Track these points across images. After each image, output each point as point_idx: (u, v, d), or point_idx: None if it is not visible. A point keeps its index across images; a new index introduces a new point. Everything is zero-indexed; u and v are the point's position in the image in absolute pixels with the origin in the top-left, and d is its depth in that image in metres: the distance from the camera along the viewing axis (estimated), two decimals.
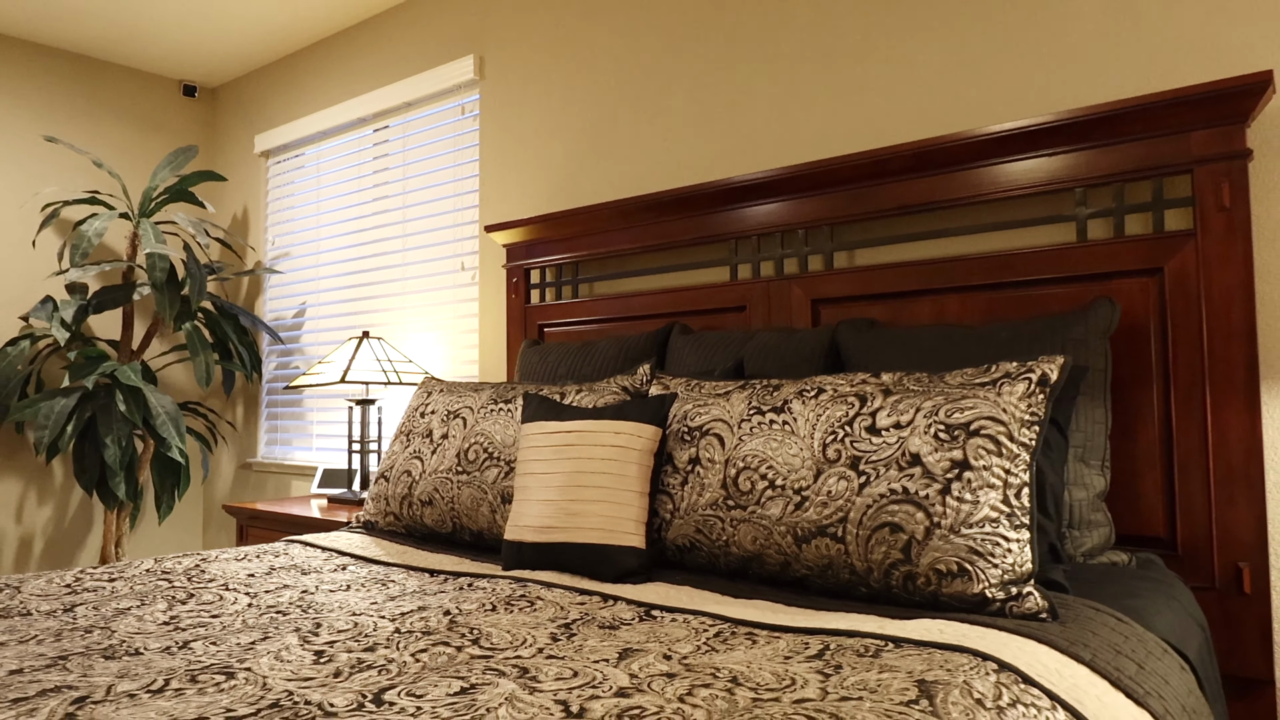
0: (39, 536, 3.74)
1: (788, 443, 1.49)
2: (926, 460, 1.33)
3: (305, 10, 3.49)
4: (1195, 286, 1.69)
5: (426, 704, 0.91)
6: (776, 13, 2.39)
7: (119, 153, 4.04)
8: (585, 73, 2.83)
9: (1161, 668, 1.19)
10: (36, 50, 3.80)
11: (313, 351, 3.77)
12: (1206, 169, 1.69)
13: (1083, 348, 1.65)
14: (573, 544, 1.58)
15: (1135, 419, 1.74)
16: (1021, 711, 0.93)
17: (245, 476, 4.02)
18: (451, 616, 1.28)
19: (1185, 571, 1.67)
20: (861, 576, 1.36)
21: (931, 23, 2.13)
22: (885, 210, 2.07)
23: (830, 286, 2.15)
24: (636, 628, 1.23)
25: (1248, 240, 1.64)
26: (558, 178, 2.89)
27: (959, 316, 1.97)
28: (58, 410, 3.17)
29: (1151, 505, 1.72)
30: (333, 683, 0.99)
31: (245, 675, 1.01)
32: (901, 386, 1.46)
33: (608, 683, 0.98)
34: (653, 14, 2.66)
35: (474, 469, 1.93)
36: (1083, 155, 1.81)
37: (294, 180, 3.93)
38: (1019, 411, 1.34)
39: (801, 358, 1.94)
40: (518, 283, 2.85)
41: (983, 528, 1.27)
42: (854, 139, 2.25)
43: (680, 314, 2.44)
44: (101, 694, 0.94)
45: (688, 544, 1.58)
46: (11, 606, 1.37)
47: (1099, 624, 1.24)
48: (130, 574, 1.61)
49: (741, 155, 2.45)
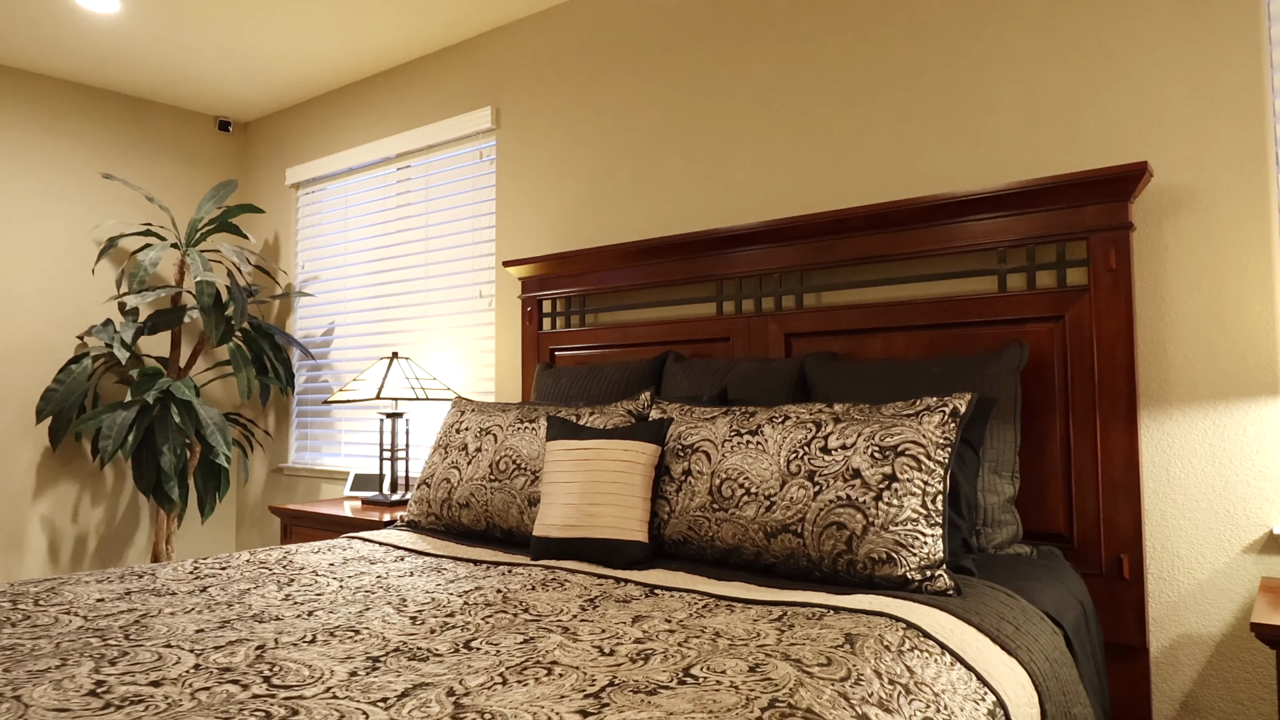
0: (92, 535, 4.12)
1: (760, 459, 1.89)
2: (865, 474, 1.74)
3: (332, 56, 3.88)
4: (1089, 331, 2.10)
5: (503, 649, 1.31)
6: (758, 88, 2.80)
7: (161, 184, 4.42)
8: (592, 129, 3.23)
9: (1035, 630, 1.61)
10: (91, 93, 4.17)
11: (340, 367, 4.16)
12: (1098, 236, 2.10)
13: (997, 382, 2.06)
14: (590, 539, 1.99)
15: (1043, 438, 2.16)
16: (917, 655, 1.34)
17: (277, 480, 4.41)
18: (503, 594, 1.68)
19: (1079, 561, 2.09)
20: (815, 563, 1.77)
21: (887, 107, 2.54)
22: (845, 260, 2.48)
23: (800, 323, 2.56)
24: (644, 601, 1.63)
25: (1129, 295, 2.06)
26: (567, 220, 3.29)
27: (905, 350, 2.38)
28: (119, 422, 3.55)
29: (1054, 508, 2.14)
30: (431, 637, 1.39)
31: (366, 632, 1.41)
32: (848, 415, 1.87)
33: (627, 635, 1.38)
34: (651, 81, 3.07)
35: (504, 477, 2.33)
36: (1002, 221, 2.23)
37: (322, 210, 4.32)
38: (935, 436, 1.75)
39: (775, 385, 2.35)
40: (531, 311, 3.25)
41: (906, 526, 1.68)
42: (821, 199, 2.66)
43: (674, 342, 2.84)
44: (272, 644, 1.34)
45: (681, 539, 1.99)
46: (159, 588, 1.76)
47: (991, 598, 1.65)
48: (235, 564, 2.01)
49: (727, 209, 2.86)
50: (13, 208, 3.93)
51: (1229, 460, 2.03)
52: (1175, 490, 2.09)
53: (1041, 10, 2.29)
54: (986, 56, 2.38)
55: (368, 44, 3.70)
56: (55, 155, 4.06)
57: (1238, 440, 2.02)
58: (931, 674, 1.29)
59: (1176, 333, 2.10)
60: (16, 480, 3.91)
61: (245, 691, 1.11)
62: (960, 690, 1.29)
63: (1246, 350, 2.01)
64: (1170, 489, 2.09)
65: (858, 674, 1.20)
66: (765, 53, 2.80)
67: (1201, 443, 2.06)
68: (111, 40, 3.65)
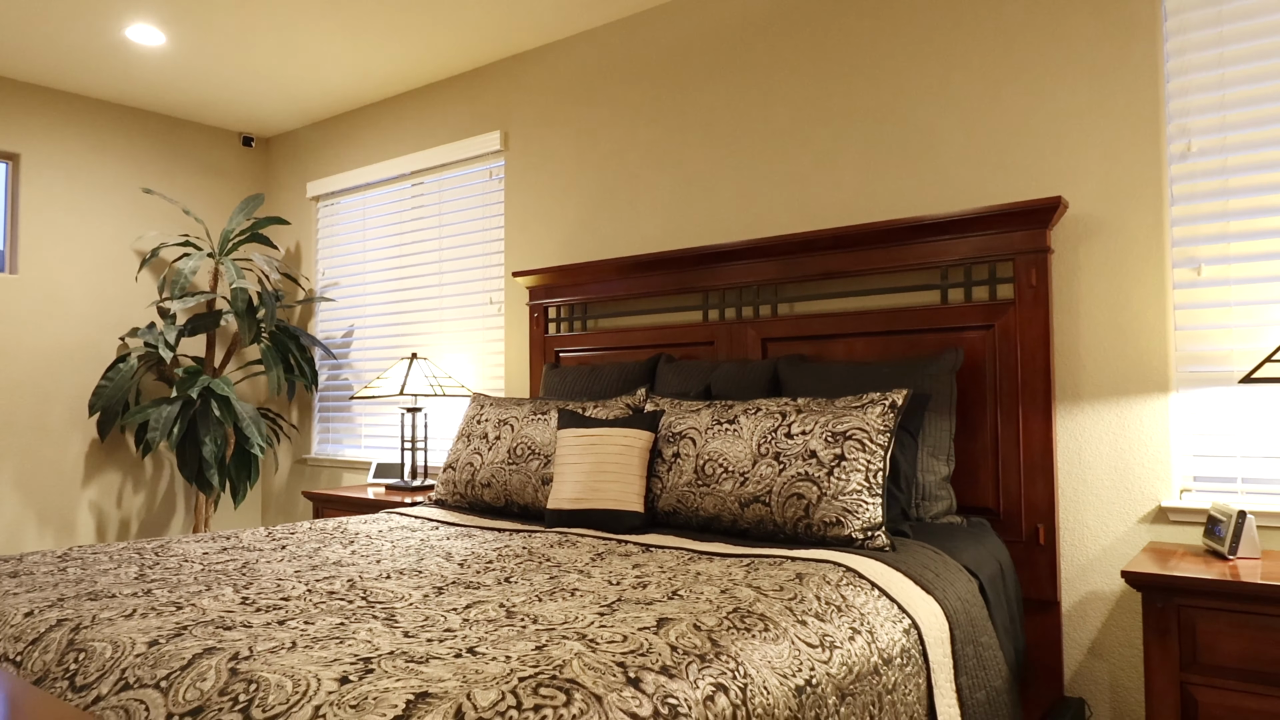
0: (134, 518, 4.50)
1: (736, 443, 2.30)
2: (819, 455, 2.15)
3: (350, 79, 4.27)
4: (1014, 338, 2.51)
5: (535, 582, 1.71)
6: (740, 122, 3.21)
7: (191, 196, 4.79)
8: (592, 154, 3.63)
9: (952, 577, 2.01)
10: (131, 113, 4.55)
11: (360, 366, 4.55)
12: (1022, 258, 2.51)
13: (936, 380, 2.47)
14: (596, 509, 2.39)
15: (976, 427, 2.57)
16: (851, 588, 1.74)
17: (300, 470, 4.80)
18: (528, 549, 2.08)
19: (1003, 530, 2.50)
20: (780, 527, 2.17)
21: (850, 141, 2.94)
22: (814, 275, 2.88)
23: (775, 329, 2.96)
24: (641, 555, 2.03)
25: (1048, 308, 2.47)
26: (570, 235, 3.69)
27: (863, 353, 2.78)
28: (165, 415, 3.93)
29: (985, 485, 2.55)
30: (476, 577, 1.78)
31: (426, 572, 1.81)
32: (808, 408, 2.28)
33: (629, 575, 1.78)
34: (645, 112, 3.47)
35: (521, 461, 2.73)
36: (944, 244, 2.64)
37: (341, 221, 4.70)
38: (877, 424, 2.15)
39: (752, 383, 2.75)
40: (538, 317, 3.64)
41: (851, 496, 2.08)
42: (794, 221, 3.06)
43: (665, 345, 3.25)
44: (357, 579, 1.74)
45: (671, 509, 2.39)
46: (246, 546, 2.15)
47: (920, 553, 2.05)
48: (301, 530, 2.40)
49: (712, 228, 3.26)
50: (63, 220, 4.31)
51: (1128, 446, 2.44)
52: (1084, 471, 2.50)
53: (979, 63, 2.70)
54: (933, 101, 2.79)
55: (384, 70, 4.08)
56: (99, 171, 4.44)
57: (1135, 429, 2.43)
58: (860, 601, 1.69)
59: (1087, 339, 2.51)
60: (67, 469, 4.29)
61: (350, 605, 1.51)
62: (883, 613, 1.70)
63: (1143, 355, 2.42)
64: (1080, 470, 2.51)
65: (802, 596, 1.60)
66: (745, 91, 3.20)
67: (1106, 431, 2.47)
68: (154, 68, 4.03)
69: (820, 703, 1.36)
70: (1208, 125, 2.34)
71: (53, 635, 1.36)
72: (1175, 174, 2.39)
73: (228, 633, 1.30)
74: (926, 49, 2.81)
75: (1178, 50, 2.38)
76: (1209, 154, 2.34)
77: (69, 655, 1.29)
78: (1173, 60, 2.39)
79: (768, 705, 1.25)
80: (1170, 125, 2.40)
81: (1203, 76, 2.34)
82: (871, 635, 1.60)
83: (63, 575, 1.77)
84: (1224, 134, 2.32)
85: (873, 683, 1.53)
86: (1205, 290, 2.34)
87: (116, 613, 1.43)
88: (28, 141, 4.21)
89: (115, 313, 4.47)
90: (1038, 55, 2.60)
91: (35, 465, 4.19)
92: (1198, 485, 2.36)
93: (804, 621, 1.49)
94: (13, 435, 4.13)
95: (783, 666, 1.34)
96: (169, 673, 1.16)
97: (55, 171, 4.29)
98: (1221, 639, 1.89)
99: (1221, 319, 2.32)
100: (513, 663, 1.16)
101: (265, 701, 1.04)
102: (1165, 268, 2.40)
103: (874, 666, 1.55)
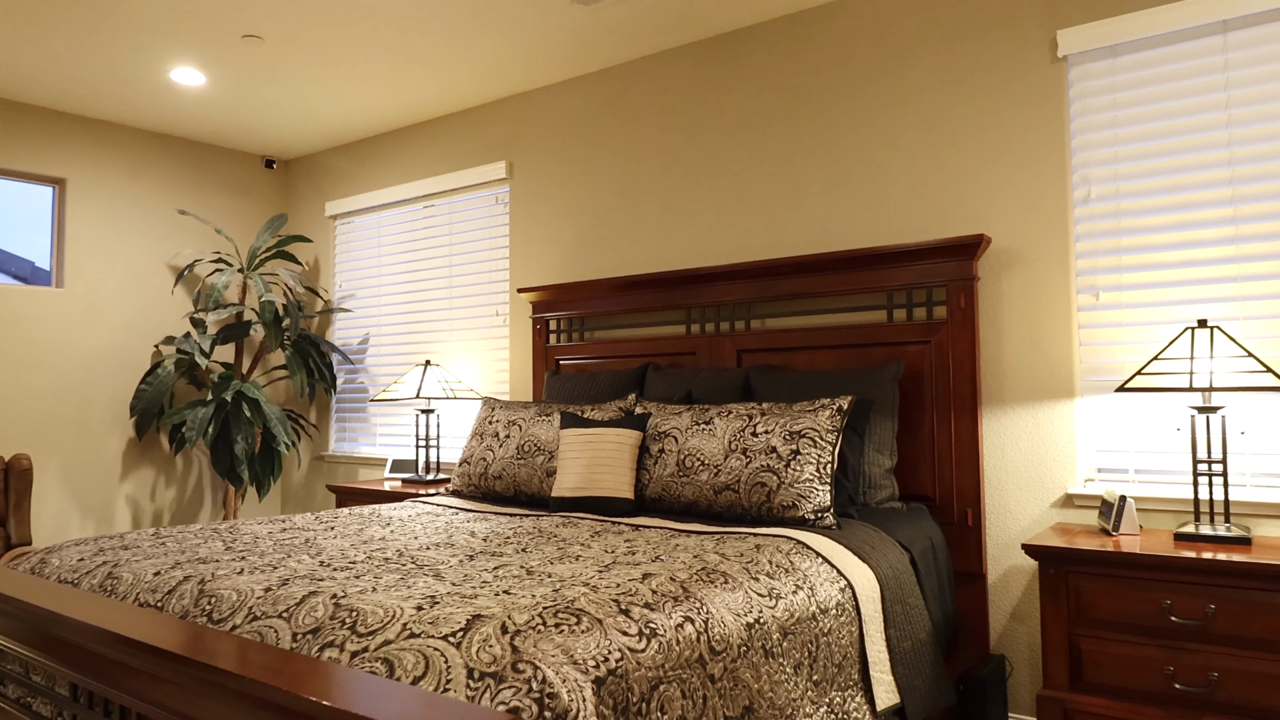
0: (166, 511, 4.92)
1: (711, 441, 2.74)
2: (779, 450, 2.59)
3: (366, 110, 4.69)
4: (947, 352, 2.96)
5: (546, 551, 2.15)
6: (718, 160, 3.65)
7: (218, 215, 5.21)
8: (588, 184, 4.07)
9: (886, 550, 2.46)
10: (165, 140, 4.97)
11: (375, 371, 4.97)
12: (954, 285, 2.96)
13: (881, 388, 2.92)
14: (593, 497, 2.83)
15: (916, 426, 3.02)
16: (799, 555, 2.18)
17: (318, 465, 5.22)
18: (538, 528, 2.52)
19: (938, 514, 2.95)
20: (746, 510, 2.61)
21: (814, 180, 3.39)
22: (782, 295, 3.32)
23: (748, 342, 3.40)
24: (631, 533, 2.47)
25: (974, 327, 2.92)
26: (568, 256, 4.13)
27: (822, 364, 3.23)
28: (200, 416, 4.35)
29: (923, 476, 3.00)
30: (498, 548, 2.22)
31: (457, 545, 2.24)
32: (771, 410, 2.72)
33: (621, 547, 2.22)
34: (636, 149, 3.91)
35: (528, 456, 3.16)
36: (890, 271, 3.08)
37: (357, 239, 5.13)
38: (826, 425, 2.60)
39: (727, 389, 3.19)
40: (540, 328, 4.08)
41: (804, 484, 2.53)
42: (765, 248, 3.51)
43: (653, 355, 3.68)
44: (403, 549, 2.17)
45: (657, 497, 2.83)
46: (300, 527, 2.58)
47: (860, 531, 2.50)
48: (341, 515, 2.83)
49: (694, 253, 3.70)
50: (104, 239, 4.72)
51: (1042, 443, 2.89)
52: (1006, 464, 2.95)
53: (920, 118, 3.15)
54: (883, 148, 3.23)
55: (398, 103, 4.51)
56: (137, 194, 4.85)
57: (1047, 429, 2.88)
58: (805, 565, 2.14)
59: (1007, 353, 2.96)
60: (107, 465, 4.70)
61: (404, 566, 1.94)
62: (823, 575, 2.14)
63: (1053, 366, 2.87)
64: (1002, 463, 2.96)
65: (757, 561, 2.05)
66: (724, 133, 3.65)
67: (1023, 430, 2.92)
68: (189, 100, 4.44)
69: (766, 636, 1.80)
70: (1104, 175, 2.79)
71: (184, 587, 1.79)
72: (1078, 215, 2.84)
73: (320, 583, 1.74)
74: (877, 104, 3.25)
75: (1080, 113, 2.84)
76: (1105, 199, 2.79)
77: (202, 600, 1.72)
78: (1076, 121, 2.85)
79: (724, 634, 1.69)
80: (1074, 175, 2.85)
81: (1099, 135, 2.80)
82: (812, 591, 2.05)
83: (164, 548, 2.20)
84: (1117, 183, 2.77)
85: (811, 626, 1.97)
86: (1103, 313, 2.80)
87: (228, 571, 1.86)
88: (73, 167, 4.62)
89: (150, 322, 4.89)
90: (969, 114, 3.05)
91: (78, 462, 4.61)
92: (1100, 476, 2.81)
93: (757, 579, 1.94)
94: (58, 434, 4.54)
95: (738, 608, 1.79)
96: (287, 607, 1.59)
97: (98, 194, 4.71)
98: (1100, 598, 2.34)
99: (1116, 337, 2.77)
100: (537, 599, 1.60)
101: (365, 622, 1.48)
102: (1071, 293, 2.85)
103: (812, 614, 2.00)
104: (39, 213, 4.60)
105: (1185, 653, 2.21)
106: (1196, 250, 2.65)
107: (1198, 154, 2.65)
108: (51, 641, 1.69)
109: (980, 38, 3.04)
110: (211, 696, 1.33)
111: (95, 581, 1.94)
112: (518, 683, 1.27)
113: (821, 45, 3.40)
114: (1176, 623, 2.22)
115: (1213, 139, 2.63)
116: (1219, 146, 2.62)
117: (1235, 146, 2.60)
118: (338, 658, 1.40)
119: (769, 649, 1.80)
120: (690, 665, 1.57)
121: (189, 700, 1.38)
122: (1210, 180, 2.63)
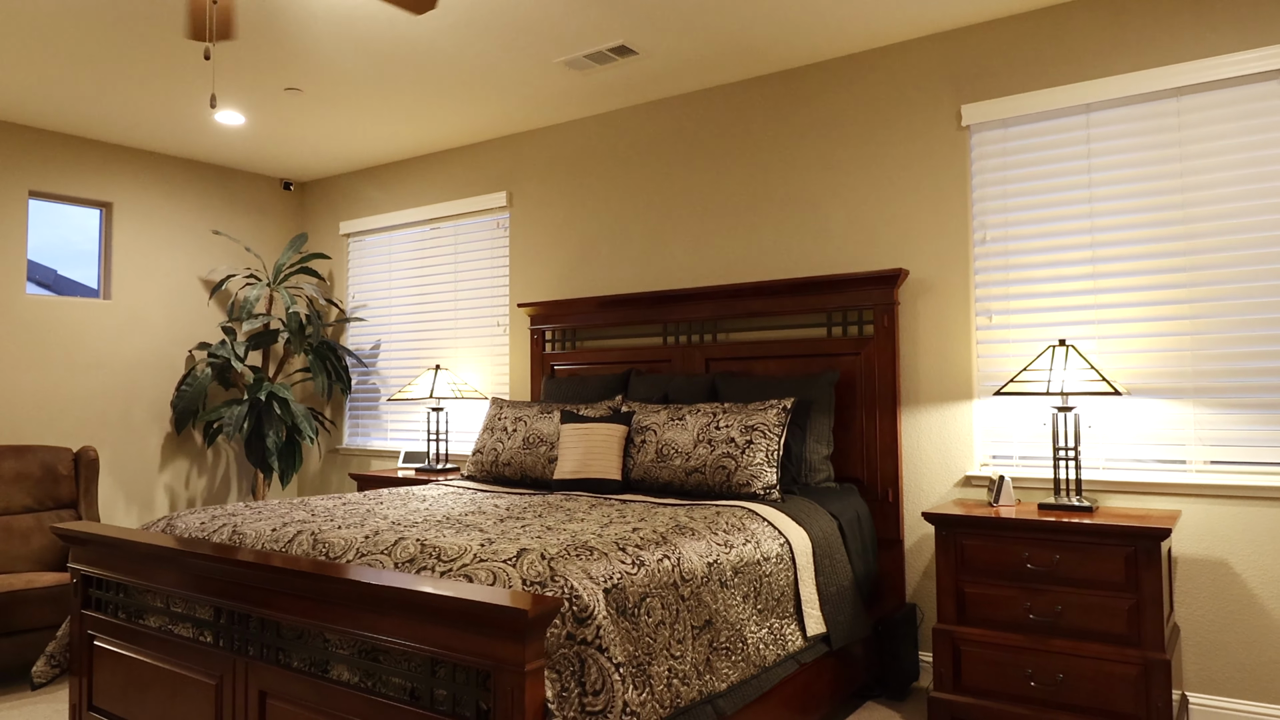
0: (199, 497, 5.52)
1: (683, 434, 3.43)
2: (737, 440, 3.29)
3: (377, 142, 5.33)
4: (873, 362, 3.67)
5: (556, 517, 2.82)
6: (691, 196, 4.34)
7: (242, 232, 5.81)
8: (579, 214, 4.74)
9: (818, 518, 3.15)
10: (197, 166, 5.57)
11: (386, 374, 5.61)
12: (880, 308, 3.67)
13: (820, 391, 3.62)
14: (588, 478, 3.51)
15: (849, 422, 3.72)
16: (750, 520, 2.87)
17: (333, 458, 5.85)
18: (546, 502, 3.19)
19: (865, 492, 3.66)
20: (711, 488, 3.30)
21: (769, 215, 4.09)
22: (741, 314, 4.02)
23: (715, 352, 4.10)
24: (620, 506, 3.15)
25: (895, 342, 3.63)
26: (562, 275, 4.80)
27: (775, 371, 3.93)
28: (235, 414, 4.97)
29: (855, 462, 3.71)
30: (520, 514, 2.88)
31: (486, 513, 2.90)
32: (731, 409, 3.42)
33: (613, 515, 2.90)
34: (621, 185, 4.58)
35: (532, 447, 3.83)
36: (829, 295, 3.79)
37: (369, 255, 5.75)
38: (774, 420, 3.30)
39: (697, 391, 3.88)
40: (537, 338, 4.74)
41: (756, 468, 3.22)
42: (729, 273, 4.20)
43: (635, 362, 4.36)
44: (446, 515, 2.83)
45: (640, 478, 3.51)
46: (355, 502, 3.22)
47: (799, 503, 3.19)
48: (383, 494, 3.48)
49: (670, 275, 4.39)
50: (146, 256, 5.32)
51: (948, 435, 3.61)
52: (920, 452, 3.67)
53: (855, 167, 3.86)
54: (825, 192, 3.94)
55: (409, 137, 5.15)
56: (174, 215, 5.45)
57: (952, 424, 3.60)
58: (754, 527, 2.83)
59: (923, 363, 3.67)
60: (147, 457, 5.30)
61: (453, 526, 2.60)
62: (767, 534, 2.84)
63: (957, 374, 3.59)
64: (918, 451, 3.67)
65: (717, 522, 2.74)
66: (697, 176, 4.33)
67: (933, 425, 3.64)
68: (227, 135, 5.06)
69: (722, 572, 2.49)
70: (997, 222, 3.52)
71: (300, 538, 2.44)
72: (977, 254, 3.57)
73: (402, 532, 2.40)
74: (821, 156, 3.96)
75: (979, 171, 3.56)
76: (998, 241, 3.52)
77: (318, 546, 2.37)
78: (976, 178, 3.57)
79: (691, 568, 2.38)
80: (974, 221, 3.58)
81: (994, 190, 3.53)
82: (757, 544, 2.74)
83: (260, 515, 2.84)
84: (1007, 229, 3.50)
85: (756, 569, 2.67)
86: (995, 331, 3.52)
87: (328, 528, 2.52)
88: (119, 192, 5.21)
89: (185, 330, 5.49)
90: (893, 169, 3.76)
91: (123, 454, 5.20)
92: (993, 461, 3.53)
93: (716, 534, 2.63)
94: (107, 430, 5.14)
95: (701, 552, 2.47)
96: (386, 547, 2.25)
97: (140, 216, 5.30)
98: (979, 553, 3.05)
99: (1004, 351, 3.50)
100: (561, 540, 2.28)
101: (446, 554, 2.14)
102: (971, 315, 3.57)
103: (757, 560, 2.69)
104: (71, 233, 5.18)
105: (1038, 592, 2.93)
106: (1064, 284, 3.38)
107: (1066, 207, 3.38)
108: (200, 578, 2.34)
109: (903, 108, 3.75)
110: (339, 606, 1.99)
111: (224, 536, 2.59)
112: (555, 588, 1.95)
113: (775, 105, 4.10)
114: (1032, 569, 2.94)
115: (1077, 195, 3.36)
116: (1082, 202, 3.35)
117: (1095, 203, 3.33)
118: (432, 577, 2.07)
119: (724, 581, 2.49)
120: (667, 587, 2.25)
121: (319, 610, 2.04)
122: (1075, 228, 3.36)
